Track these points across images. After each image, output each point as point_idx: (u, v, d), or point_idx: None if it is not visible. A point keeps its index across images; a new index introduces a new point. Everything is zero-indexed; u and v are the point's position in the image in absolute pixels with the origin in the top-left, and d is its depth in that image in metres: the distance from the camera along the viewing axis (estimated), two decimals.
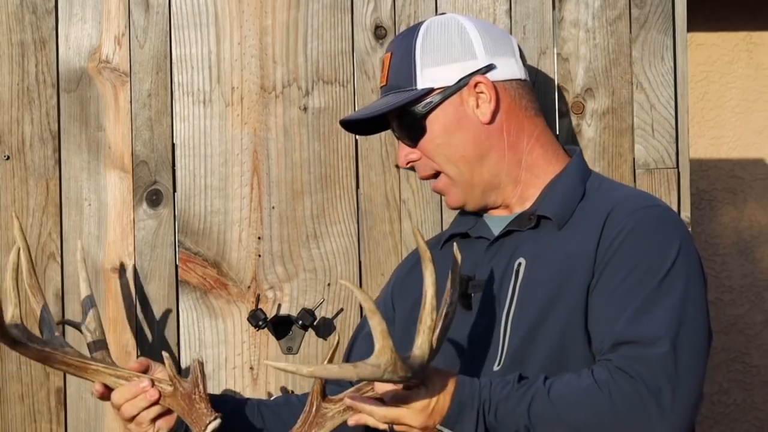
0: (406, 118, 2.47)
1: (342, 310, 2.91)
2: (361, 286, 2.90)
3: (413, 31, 2.51)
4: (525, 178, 2.49)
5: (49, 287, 2.92)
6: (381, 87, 2.54)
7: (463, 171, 2.46)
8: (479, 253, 2.47)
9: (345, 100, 2.92)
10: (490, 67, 2.47)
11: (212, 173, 2.92)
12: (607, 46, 2.89)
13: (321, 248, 2.91)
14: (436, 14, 2.86)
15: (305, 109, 2.92)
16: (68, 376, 2.92)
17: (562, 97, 2.89)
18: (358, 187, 2.92)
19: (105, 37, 2.94)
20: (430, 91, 2.46)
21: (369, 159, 2.92)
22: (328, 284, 2.91)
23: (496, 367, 2.36)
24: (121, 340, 2.92)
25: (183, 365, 2.92)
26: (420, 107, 2.46)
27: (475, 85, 2.46)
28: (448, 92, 2.46)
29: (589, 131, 2.88)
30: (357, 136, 2.91)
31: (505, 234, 2.46)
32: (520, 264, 2.41)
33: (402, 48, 2.49)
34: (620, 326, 2.26)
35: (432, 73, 2.46)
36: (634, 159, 2.88)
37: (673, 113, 2.88)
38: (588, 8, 2.89)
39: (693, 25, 3.41)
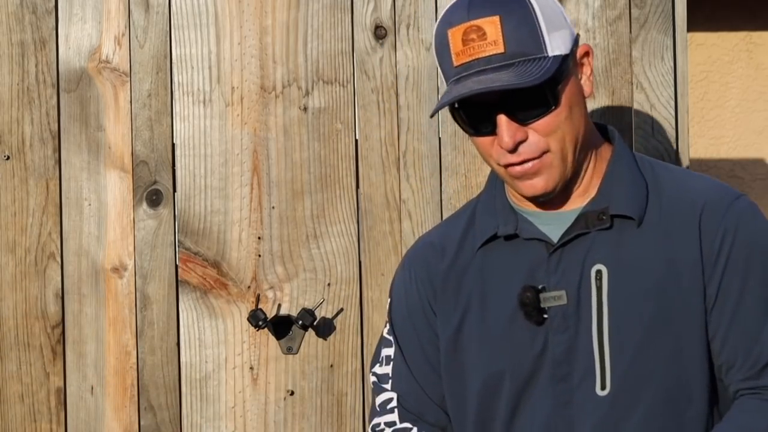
0: (537, 89, 2.15)
1: (342, 310, 2.91)
2: (361, 286, 2.90)
3: None
4: (590, 166, 2.27)
5: (49, 287, 2.92)
6: (488, 56, 2.15)
7: (569, 150, 2.19)
8: (536, 258, 2.23)
9: (345, 100, 2.92)
10: (578, 37, 2.26)
11: (212, 173, 2.92)
12: (607, 46, 2.89)
13: (321, 248, 2.91)
14: (436, 14, 2.86)
15: (305, 109, 2.92)
16: (68, 376, 2.92)
17: None
18: (358, 187, 2.92)
19: (105, 37, 2.94)
20: (562, 58, 2.17)
21: (369, 159, 2.92)
22: (328, 284, 2.91)
23: (600, 391, 2.18)
24: (121, 340, 2.92)
25: (183, 365, 2.92)
26: (560, 77, 2.16)
27: (585, 55, 2.24)
28: (570, 59, 2.19)
29: None
30: (357, 136, 2.90)
31: (570, 237, 2.22)
32: (600, 272, 2.20)
33: (516, 11, 2.15)
34: (765, 344, 2.16)
35: (555, 39, 2.16)
36: None
37: (673, 113, 2.88)
38: (588, 8, 2.89)
39: (693, 25, 3.41)
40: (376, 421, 2.39)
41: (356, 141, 2.92)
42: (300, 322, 2.87)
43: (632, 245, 2.21)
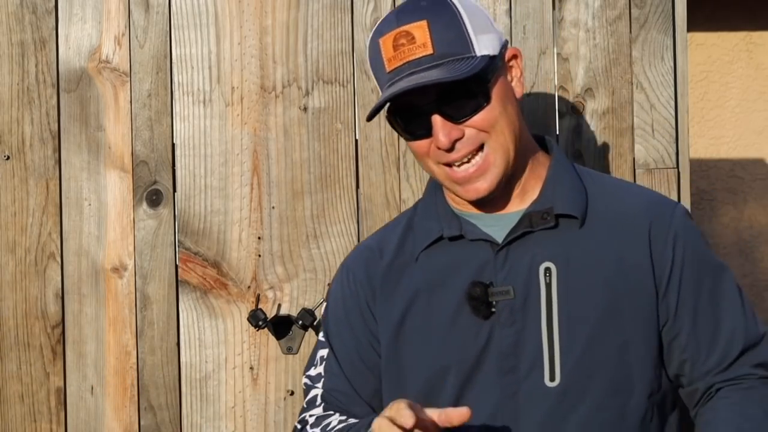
0: (467, 86, 2.24)
1: None
2: None
3: (439, 0, 2.29)
4: (529, 169, 2.36)
5: (49, 287, 2.92)
6: (417, 58, 2.24)
7: (510, 144, 2.28)
8: (483, 257, 2.32)
9: (345, 100, 2.91)
10: (507, 43, 2.36)
11: (212, 173, 2.92)
12: (607, 46, 2.89)
13: (321, 248, 2.91)
14: None
15: (305, 109, 2.92)
16: (68, 376, 2.93)
17: (562, 97, 2.89)
18: (358, 187, 2.92)
19: (105, 37, 2.94)
20: (490, 57, 2.26)
21: (369, 159, 2.92)
22: (328, 284, 2.91)
23: (550, 383, 2.27)
24: (121, 340, 2.92)
25: (183, 365, 2.92)
26: (488, 74, 2.26)
27: (513, 57, 2.33)
28: (499, 60, 2.29)
29: (589, 131, 2.89)
30: (357, 136, 2.90)
31: (516, 236, 2.32)
32: (549, 269, 2.29)
33: (443, 15, 2.26)
34: (731, 337, 2.32)
35: (483, 40, 2.27)
36: (634, 159, 2.88)
37: (673, 113, 2.88)
38: (588, 8, 2.89)
39: (693, 25, 3.42)
40: (301, 416, 2.44)
41: (356, 141, 2.92)
42: (300, 322, 2.87)
43: (578, 244, 2.31)
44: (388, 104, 2.30)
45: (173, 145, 2.93)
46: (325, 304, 2.51)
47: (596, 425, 2.27)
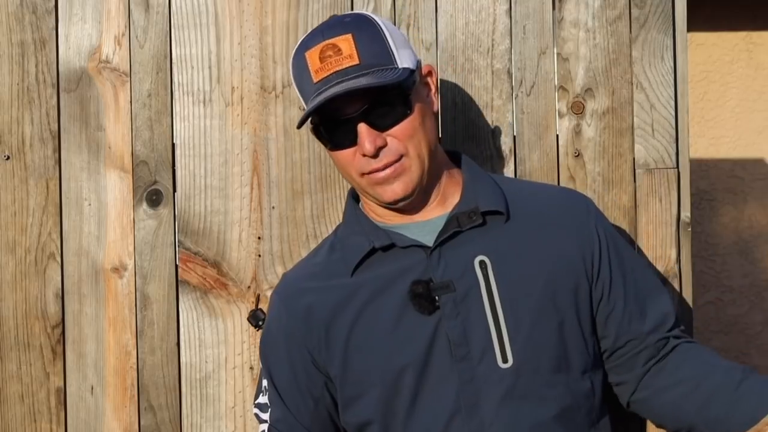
0: (391, 96, 2.38)
1: None
2: None
3: (361, 17, 2.44)
4: (445, 177, 2.49)
5: (49, 287, 2.92)
6: (344, 68, 2.37)
7: (425, 155, 2.41)
8: (417, 260, 2.43)
9: None
10: (420, 62, 2.49)
11: (212, 173, 2.93)
12: (607, 46, 2.89)
13: None
14: (436, 14, 2.87)
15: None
16: (68, 376, 2.93)
17: (562, 97, 2.89)
18: None
19: (105, 37, 2.94)
20: (410, 70, 2.40)
21: None
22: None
23: (503, 364, 2.37)
24: (121, 340, 2.92)
25: (183, 365, 2.92)
26: (410, 86, 2.40)
27: (428, 74, 2.48)
28: (417, 74, 2.43)
29: (589, 131, 2.89)
30: None
31: (446, 236, 2.43)
32: (483, 262, 2.40)
33: (366, 30, 2.40)
34: (658, 310, 2.50)
35: (403, 55, 2.41)
36: (634, 159, 2.88)
37: (673, 113, 2.88)
38: (588, 8, 2.89)
39: (693, 25, 3.42)
40: None
41: None
42: None
43: (507, 237, 2.44)
44: (311, 116, 2.41)
45: (173, 145, 2.93)
46: (262, 333, 2.61)
47: (550, 401, 2.39)
